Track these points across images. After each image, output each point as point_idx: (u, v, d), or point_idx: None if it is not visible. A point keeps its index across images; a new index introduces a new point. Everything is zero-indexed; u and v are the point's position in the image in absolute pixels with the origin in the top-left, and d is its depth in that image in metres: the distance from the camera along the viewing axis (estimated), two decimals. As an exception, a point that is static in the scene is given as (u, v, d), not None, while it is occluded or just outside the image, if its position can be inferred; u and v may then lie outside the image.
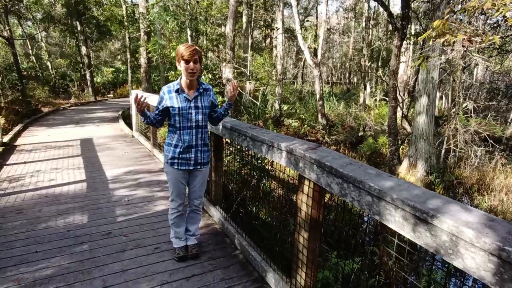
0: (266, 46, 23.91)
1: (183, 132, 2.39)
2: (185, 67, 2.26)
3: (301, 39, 12.00)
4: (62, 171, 5.00)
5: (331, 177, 1.59)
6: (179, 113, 2.34)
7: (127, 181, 4.59)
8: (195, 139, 2.42)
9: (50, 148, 6.49)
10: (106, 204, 3.77)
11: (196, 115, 2.38)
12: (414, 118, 6.87)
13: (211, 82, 9.18)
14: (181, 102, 2.35)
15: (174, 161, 2.45)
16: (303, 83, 24.90)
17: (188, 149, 2.42)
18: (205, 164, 2.55)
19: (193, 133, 2.41)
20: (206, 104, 2.43)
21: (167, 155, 2.48)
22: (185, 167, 2.47)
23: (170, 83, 2.44)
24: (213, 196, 3.50)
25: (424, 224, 1.09)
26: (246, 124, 2.74)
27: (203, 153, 2.51)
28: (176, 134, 2.42)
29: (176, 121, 2.37)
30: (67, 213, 3.51)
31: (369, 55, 19.52)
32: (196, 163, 2.49)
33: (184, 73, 2.31)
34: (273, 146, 2.14)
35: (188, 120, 2.37)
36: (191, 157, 2.45)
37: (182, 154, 2.43)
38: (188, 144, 2.41)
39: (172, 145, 2.43)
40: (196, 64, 2.27)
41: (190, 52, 2.22)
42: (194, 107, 2.37)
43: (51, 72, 20.84)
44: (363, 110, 16.21)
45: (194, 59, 2.25)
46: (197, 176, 2.57)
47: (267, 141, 2.21)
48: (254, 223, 5.17)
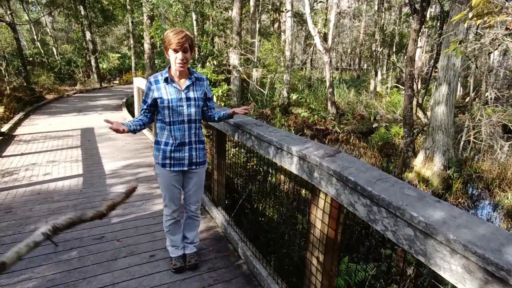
0: (274, 31, 23.23)
1: (174, 127, 2.08)
2: (174, 57, 1.97)
3: (311, 23, 11.45)
4: (59, 164, 4.76)
5: (356, 196, 1.26)
6: (168, 105, 2.04)
7: (125, 176, 4.32)
8: (188, 135, 2.13)
9: (50, 138, 6.25)
10: (100, 203, 3.51)
11: (188, 108, 2.08)
12: (432, 108, 6.43)
13: (216, 69, 8.80)
14: (171, 93, 2.04)
15: (166, 162, 2.15)
16: (312, 70, 24.24)
17: (181, 147, 2.13)
18: (201, 164, 2.25)
19: (185, 128, 2.11)
20: (199, 95, 2.14)
21: (157, 155, 2.18)
22: (178, 168, 2.17)
23: (158, 72, 2.13)
24: (215, 196, 3.20)
25: (502, 285, 0.76)
26: (251, 120, 2.40)
27: (198, 151, 2.21)
28: (165, 130, 2.11)
29: (165, 116, 2.06)
30: (59, 212, 3.26)
31: (381, 40, 18.75)
32: (191, 163, 2.19)
33: (173, 63, 2.01)
34: (282, 149, 1.81)
35: (179, 114, 2.06)
36: (185, 156, 2.15)
37: (173, 153, 2.13)
38: (180, 141, 2.11)
39: (162, 143, 2.13)
40: (186, 53, 1.97)
41: (178, 39, 1.90)
42: (185, 98, 2.07)
43: (56, 58, 20.60)
44: (374, 98, 15.65)
45: (184, 47, 1.94)
46: (192, 178, 2.27)
47: (275, 142, 1.87)
48: (260, 220, 4.90)
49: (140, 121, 2.10)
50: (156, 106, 2.09)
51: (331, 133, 11.34)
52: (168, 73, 2.07)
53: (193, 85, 2.12)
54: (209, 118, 2.32)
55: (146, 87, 2.09)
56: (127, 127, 1.95)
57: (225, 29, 14.23)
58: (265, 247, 3.59)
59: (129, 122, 2.03)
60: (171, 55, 1.97)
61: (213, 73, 6.95)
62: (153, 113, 2.16)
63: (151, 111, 2.14)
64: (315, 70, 23.45)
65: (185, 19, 10.83)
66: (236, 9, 9.81)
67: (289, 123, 11.49)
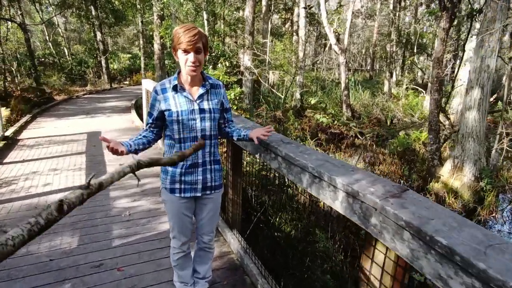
0: (286, 30, 22.80)
1: (185, 145, 1.71)
2: (184, 59, 1.59)
3: (326, 22, 10.99)
4: (61, 172, 4.45)
5: (451, 268, 0.85)
6: (178, 119, 1.66)
7: (131, 188, 3.97)
8: (202, 154, 1.76)
9: (54, 143, 5.97)
10: (102, 220, 3.17)
11: (202, 121, 1.70)
12: (462, 113, 5.92)
13: (228, 70, 8.43)
14: (181, 105, 1.67)
15: (175, 187, 1.78)
16: (323, 71, 23.71)
17: (193, 168, 1.76)
18: (217, 188, 1.87)
19: None
20: (215, 105, 1.75)
21: (164, 179, 1.81)
22: (190, 194, 1.79)
23: (165, 79, 1.75)
24: (230, 217, 2.81)
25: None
26: (277, 135, 1.99)
27: (214, 173, 1.83)
28: (174, 148, 1.74)
29: (174, 131, 1.70)
30: (55, 232, 2.92)
31: (396, 40, 18.13)
32: (205, 187, 1.81)
33: (183, 67, 1.63)
34: (321, 178, 1.40)
35: (191, 129, 1.69)
36: (198, 180, 1.78)
37: (184, 176, 1.76)
38: (192, 161, 1.74)
39: None
40: (199, 54, 1.59)
41: (190, 37, 1.53)
42: (198, 110, 1.69)
43: (68, 59, 20.60)
44: (389, 100, 15.07)
45: (196, 47, 1.56)
46: (206, 204, 1.89)
47: (310, 168, 1.47)
48: (276, 235, 4.51)
49: (144, 139, 1.72)
50: (163, 119, 1.72)
51: (346, 137, 10.86)
52: (178, 80, 1.70)
53: (208, 93, 1.74)
54: (226, 134, 1.93)
55: (151, 97, 1.72)
56: (127, 148, 1.57)
57: (237, 30, 13.88)
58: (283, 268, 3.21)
59: (131, 141, 1.65)
60: (181, 57, 1.60)
61: (225, 75, 6.59)
62: (160, 127, 1.79)
63: (158, 125, 1.76)
64: (327, 71, 22.94)
65: (196, 18, 10.50)
66: (249, 8, 9.43)
67: (303, 127, 11.06)
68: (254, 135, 1.80)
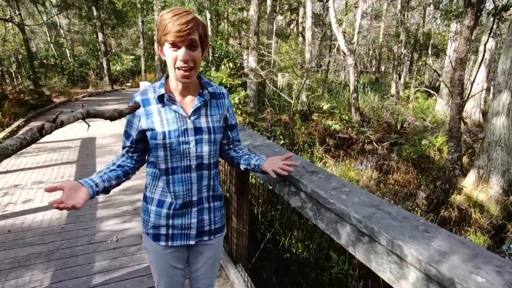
0: (291, 31, 22.36)
1: (174, 178, 1.23)
2: (172, 57, 1.11)
3: (335, 22, 10.51)
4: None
5: None
6: (164, 143, 1.18)
7: (121, 205, 3.51)
8: (197, 189, 1.26)
9: (44, 151, 5.53)
10: (84, 248, 2.70)
11: (198, 145, 1.21)
12: (489, 120, 5.40)
13: (232, 72, 7.97)
14: (168, 122, 1.19)
15: (160, 232, 1.29)
16: (329, 72, 23.20)
17: (185, 209, 1.27)
18: (217, 232, 1.38)
19: (193, 179, 1.24)
20: (217, 123, 1.26)
21: (145, 221, 1.32)
22: (181, 242, 1.31)
23: (148, 86, 1.26)
24: (234, 250, 2.33)
25: None
26: (297, 160, 1.50)
27: (214, 213, 1.35)
28: (159, 181, 1.26)
29: (159, 158, 1.22)
30: (26, 264, 2.46)
31: (405, 41, 17.59)
32: (202, 233, 1.33)
33: (171, 69, 1.15)
34: (373, 239, 0.92)
35: (183, 156, 1.21)
36: (191, 224, 1.29)
37: (173, 219, 1.27)
38: (184, 200, 1.25)
39: (154, 201, 1.28)
40: (194, 51, 1.11)
41: (181, 26, 1.05)
42: (193, 130, 1.21)
43: (69, 60, 20.29)
44: (399, 103, 14.53)
45: (190, 40, 1.09)
46: (203, 252, 1.40)
47: (354, 219, 0.99)
48: (285, 257, 4.04)
49: (119, 170, 1.24)
50: (146, 141, 1.25)
51: (355, 143, 10.34)
52: (165, 87, 1.22)
53: (207, 106, 1.26)
54: (230, 160, 1.44)
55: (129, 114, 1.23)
56: (91, 191, 1.10)
57: (241, 30, 13.42)
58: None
59: (99, 176, 1.17)
60: (168, 54, 1.12)
61: (229, 77, 6.14)
62: (143, 152, 1.31)
63: (139, 149, 1.29)
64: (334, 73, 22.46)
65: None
66: (254, 7, 8.97)
67: (310, 131, 10.56)
68: (270, 167, 1.29)
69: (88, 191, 1.08)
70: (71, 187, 1.04)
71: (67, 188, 1.03)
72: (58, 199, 0.99)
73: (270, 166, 1.29)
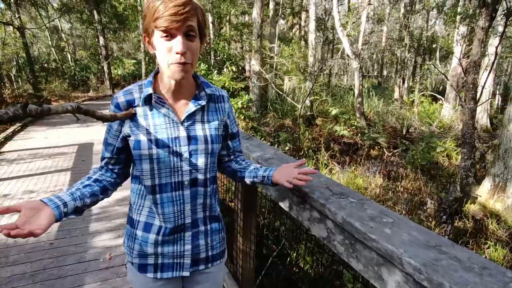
0: (294, 35, 22.22)
1: (163, 197, 1.00)
2: (166, 48, 0.88)
3: (339, 25, 10.30)
4: (37, 196, 3.75)
5: None
6: (150, 154, 0.97)
7: (116, 217, 3.26)
8: (191, 210, 1.04)
9: (40, 157, 5.30)
10: (73, 268, 2.44)
11: (192, 157, 1.00)
12: (505, 126, 5.15)
13: (235, 76, 7.74)
14: (157, 128, 0.98)
15: (147, 262, 1.06)
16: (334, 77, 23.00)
17: (177, 234, 1.04)
18: (216, 259, 1.15)
19: (185, 198, 1.02)
20: (215, 131, 1.05)
21: (129, 247, 1.08)
22: (173, 274, 1.07)
23: (133, 85, 1.03)
24: (239, 272, 2.07)
25: None
26: (319, 177, 1.25)
27: (211, 237, 1.12)
28: (146, 200, 1.03)
29: (144, 173, 0.99)
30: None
31: (409, 45, 17.39)
32: (197, 260, 1.10)
33: (162, 65, 0.92)
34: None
35: (174, 170, 0.99)
36: (184, 251, 1.06)
37: (162, 247, 1.04)
38: (176, 224, 1.03)
39: (139, 224, 1.05)
40: (192, 41, 0.90)
41: (176, 9, 0.83)
42: (186, 139, 0.99)
43: (70, 64, 20.17)
44: (405, 108, 14.27)
45: (187, 27, 0.87)
46: (200, 284, 1.15)
47: (407, 265, 0.74)
48: (294, 272, 3.80)
49: (95, 186, 1.00)
50: (129, 152, 1.02)
51: (361, 148, 10.07)
52: (153, 86, 1.00)
53: (204, 111, 1.04)
54: (232, 174, 1.20)
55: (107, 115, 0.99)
56: (57, 212, 0.84)
57: (243, 34, 13.24)
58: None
59: (68, 193, 0.91)
60: (159, 45, 0.89)
61: (232, 80, 5.92)
62: (125, 163, 1.08)
63: (121, 160, 1.06)
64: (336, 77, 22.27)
65: (200, 20, 9.88)
66: (257, 10, 8.78)
67: (314, 136, 10.31)
68: (283, 178, 1.03)
69: (52, 212, 0.83)
70: (31, 207, 0.79)
71: (25, 209, 0.78)
72: (8, 224, 0.73)
73: (283, 176, 1.04)
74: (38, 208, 0.81)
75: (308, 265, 3.71)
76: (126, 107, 0.99)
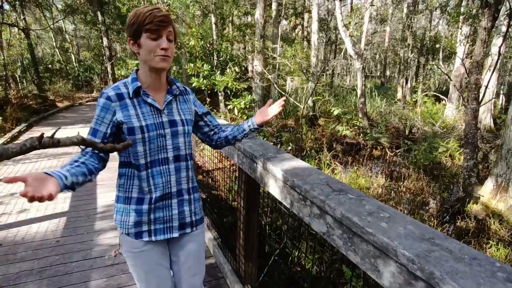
0: (296, 35, 22.25)
1: (153, 171, 1.22)
2: (153, 45, 1.13)
3: (342, 25, 10.32)
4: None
5: None
6: (143, 137, 1.18)
7: (121, 216, 3.31)
8: (176, 180, 1.27)
9: (44, 157, 5.37)
10: (79, 264, 2.49)
11: (173, 137, 1.25)
12: (508, 126, 5.15)
13: (238, 76, 7.78)
14: (145, 117, 1.19)
15: (142, 229, 1.24)
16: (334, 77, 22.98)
17: (165, 201, 1.26)
18: (198, 223, 1.38)
19: (171, 171, 1.26)
20: (188, 116, 1.31)
21: (124, 222, 1.25)
22: (164, 236, 1.28)
23: (118, 82, 1.25)
24: (242, 269, 2.11)
25: None
26: (318, 175, 1.29)
27: (193, 204, 1.35)
28: (135, 179, 1.23)
29: (138, 155, 1.20)
30: (16, 283, 2.26)
31: (412, 45, 17.35)
32: (183, 225, 1.32)
33: (148, 58, 1.16)
34: (433, 286, 0.70)
35: (161, 149, 1.23)
36: (172, 216, 1.28)
37: (155, 213, 1.25)
38: (164, 192, 1.25)
39: (132, 200, 1.24)
40: (171, 42, 1.18)
41: (162, 17, 1.11)
42: (168, 123, 1.24)
43: (74, 65, 20.33)
44: (407, 108, 14.25)
45: (169, 31, 1.15)
46: (184, 246, 1.35)
47: (402, 257, 0.78)
48: (295, 271, 3.83)
49: (84, 167, 1.08)
50: (119, 137, 1.20)
51: (363, 148, 10.08)
52: (138, 81, 1.22)
53: (177, 100, 1.30)
54: (225, 140, 1.44)
55: (98, 107, 1.17)
56: (60, 183, 0.92)
57: (245, 34, 13.28)
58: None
59: (66, 169, 1.01)
60: (146, 45, 1.13)
61: (235, 81, 5.96)
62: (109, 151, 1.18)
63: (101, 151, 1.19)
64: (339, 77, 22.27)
65: (203, 21, 9.93)
66: (259, 10, 8.82)
67: (316, 136, 10.34)
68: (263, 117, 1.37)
69: (57, 181, 0.91)
70: (37, 178, 0.86)
71: (32, 179, 0.84)
72: (24, 190, 0.81)
73: (262, 116, 1.37)
74: (43, 179, 0.88)
75: (310, 263, 3.75)
76: (116, 99, 1.16)
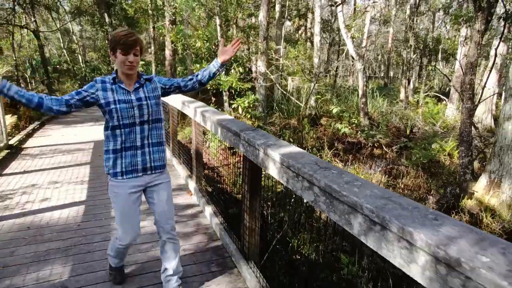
0: (300, 37, 22.49)
1: (125, 130, 1.84)
2: (123, 59, 1.76)
3: (343, 27, 10.57)
4: (61, 186, 4.11)
5: None
6: (116, 108, 1.78)
7: (135, 205, 3.59)
8: (140, 138, 1.87)
9: (59, 152, 5.69)
10: (100, 244, 2.79)
11: (139, 109, 1.85)
12: (500, 124, 5.38)
13: (241, 76, 8.06)
14: (118, 94, 1.82)
15: (116, 170, 1.86)
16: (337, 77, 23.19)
17: (131, 151, 1.86)
18: (158, 168, 1.96)
19: (137, 131, 1.87)
20: (151, 93, 1.92)
21: (108, 166, 1.88)
22: (131, 176, 1.88)
23: (104, 77, 1.91)
24: (246, 247, 2.39)
25: None
26: (310, 157, 1.57)
27: (154, 154, 1.94)
28: (114, 136, 1.84)
29: (114, 119, 1.80)
30: (46, 260, 2.55)
31: (414, 46, 17.52)
32: (145, 168, 1.91)
33: (121, 66, 1.80)
34: (384, 227, 0.98)
35: (129, 116, 1.83)
36: (137, 161, 1.88)
37: (123, 158, 1.85)
38: (131, 144, 1.86)
39: (110, 150, 1.86)
40: (136, 56, 1.80)
41: (131, 41, 1.73)
42: (135, 99, 1.85)
43: (81, 66, 20.73)
44: (409, 108, 14.45)
45: (135, 49, 1.77)
46: (155, 190, 1.98)
47: (366, 210, 1.05)
48: (295, 259, 4.09)
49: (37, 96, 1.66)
50: (87, 105, 1.81)
51: (364, 147, 10.31)
52: (116, 75, 1.88)
53: (143, 86, 1.91)
54: (198, 83, 2.05)
55: (88, 85, 1.82)
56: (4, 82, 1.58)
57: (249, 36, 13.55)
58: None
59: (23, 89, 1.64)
60: (119, 58, 1.76)
61: (239, 81, 6.23)
62: (76, 108, 1.78)
63: (77, 106, 1.77)
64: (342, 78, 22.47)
65: (208, 23, 10.23)
66: (263, 12, 9.09)
67: (318, 135, 10.58)
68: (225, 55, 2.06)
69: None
70: None
71: None
72: None
73: (224, 53, 2.06)
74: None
75: (309, 251, 4.01)
76: (99, 82, 1.79)
